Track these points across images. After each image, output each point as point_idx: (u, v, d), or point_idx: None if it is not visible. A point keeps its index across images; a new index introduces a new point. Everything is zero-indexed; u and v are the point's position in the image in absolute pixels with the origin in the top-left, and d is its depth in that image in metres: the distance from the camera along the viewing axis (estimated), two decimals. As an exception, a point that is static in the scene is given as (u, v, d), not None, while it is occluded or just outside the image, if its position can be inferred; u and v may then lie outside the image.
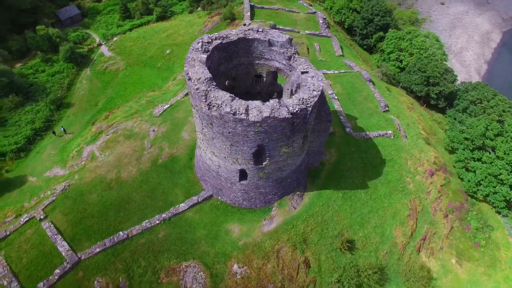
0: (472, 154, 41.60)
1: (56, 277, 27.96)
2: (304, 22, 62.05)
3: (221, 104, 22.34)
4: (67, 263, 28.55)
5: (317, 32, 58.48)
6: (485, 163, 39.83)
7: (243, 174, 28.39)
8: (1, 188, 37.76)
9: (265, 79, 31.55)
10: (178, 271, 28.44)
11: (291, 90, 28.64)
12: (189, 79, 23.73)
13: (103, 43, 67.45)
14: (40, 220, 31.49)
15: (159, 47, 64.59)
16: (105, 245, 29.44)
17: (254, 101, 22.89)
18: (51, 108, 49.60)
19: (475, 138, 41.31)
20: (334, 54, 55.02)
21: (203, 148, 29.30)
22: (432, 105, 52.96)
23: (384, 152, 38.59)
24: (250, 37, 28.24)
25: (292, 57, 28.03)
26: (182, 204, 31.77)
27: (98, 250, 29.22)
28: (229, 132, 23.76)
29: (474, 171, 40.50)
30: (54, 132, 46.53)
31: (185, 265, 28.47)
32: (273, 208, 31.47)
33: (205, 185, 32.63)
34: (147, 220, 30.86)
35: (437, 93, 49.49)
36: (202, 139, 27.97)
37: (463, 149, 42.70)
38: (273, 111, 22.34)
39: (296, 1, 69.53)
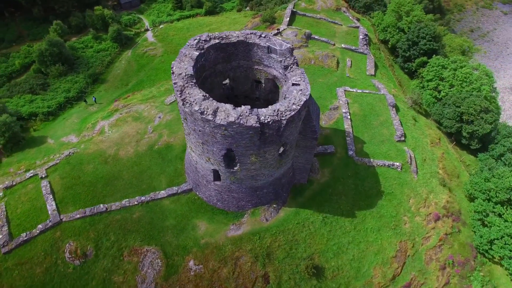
0: (493, 208, 36.82)
1: (37, 231, 30.80)
2: (343, 35, 59.89)
3: (193, 101, 22.67)
4: (50, 221, 31.25)
5: (353, 47, 56.03)
6: (507, 221, 35.01)
7: (217, 175, 28.47)
8: (26, 144, 42.51)
9: (263, 85, 31.20)
10: (139, 253, 29.52)
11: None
12: (172, 73, 24.44)
13: (150, 29, 72.20)
14: (41, 178, 34.90)
15: (198, 40, 67.15)
16: (85, 213, 31.65)
17: (227, 104, 22.83)
18: (88, 81, 54.52)
19: (501, 190, 36.46)
20: (365, 73, 52.25)
21: (187, 143, 29.99)
22: (464, 145, 47.66)
23: (385, 184, 35.76)
24: (250, 41, 28.15)
25: (289, 67, 27.34)
26: (162, 191, 32.86)
27: (78, 216, 31.53)
28: (199, 131, 24.02)
29: (490, 227, 35.83)
30: (85, 101, 51.26)
31: (146, 249, 29.45)
32: (245, 215, 31.06)
33: (188, 178, 33.35)
34: (127, 199, 32.49)
35: (469, 133, 44.38)
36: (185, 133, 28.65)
37: (484, 200, 37.97)
38: (240, 117, 22.07)
39: (342, 13, 67.31)
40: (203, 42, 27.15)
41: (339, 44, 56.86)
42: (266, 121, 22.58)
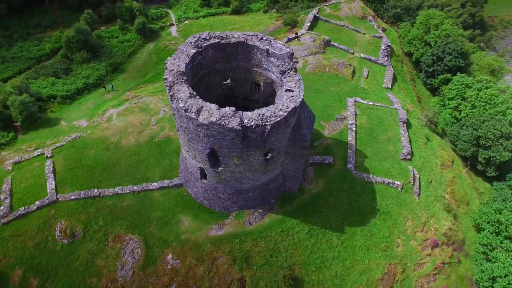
0: (501, 243, 34.22)
1: (34, 207, 32.50)
2: (364, 45, 58.08)
3: (179, 98, 22.89)
4: (47, 199, 32.86)
5: (372, 58, 54.17)
6: (513, 258, 32.40)
7: (203, 173, 28.57)
8: (41, 124, 45.01)
9: (262, 88, 30.92)
10: (123, 240, 30.29)
11: (275, 105, 27.53)
12: (166, 68, 24.82)
13: (175, 24, 73.92)
14: (47, 157, 36.77)
15: (219, 39, 67.87)
16: (79, 195, 32.96)
17: (212, 104, 22.84)
18: (108, 70, 56.80)
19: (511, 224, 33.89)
20: (381, 85, 50.33)
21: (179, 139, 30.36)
22: (480, 171, 44.55)
23: (381, 202, 34.24)
24: (250, 43, 27.99)
25: (287, 72, 26.87)
26: (154, 183, 33.51)
27: (72, 197, 32.90)
28: (185, 128, 24.21)
29: (494, 262, 33.29)
30: (104, 87, 53.69)
31: (130, 238, 30.15)
32: (230, 216, 30.93)
33: (180, 173, 33.76)
34: (120, 187, 33.45)
35: (486, 158, 41.41)
36: (177, 128, 29.01)
37: (491, 233, 35.38)
38: (222, 118, 21.98)
39: (368, 22, 65.29)
40: (202, 40, 27.35)
41: (359, 53, 55.21)
42: (249, 124, 22.33)
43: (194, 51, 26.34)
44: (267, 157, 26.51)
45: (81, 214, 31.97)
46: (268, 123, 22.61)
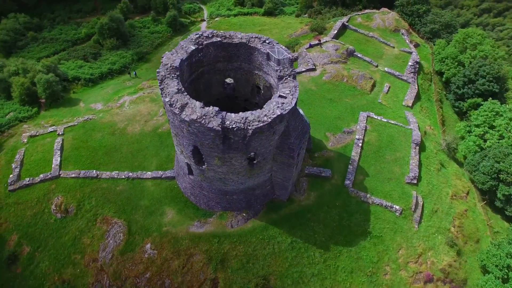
0: (505, 289, 31.11)
1: (38, 179, 34.61)
2: (391, 59, 55.42)
3: (167, 93, 23.17)
4: (50, 174, 34.84)
5: (397, 73, 51.51)
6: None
7: (190, 169, 28.73)
8: (62, 103, 47.82)
9: (262, 91, 30.50)
10: (110, 223, 31.31)
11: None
12: (161, 62, 25.24)
13: (206, 20, 75.33)
14: (58, 135, 39.04)
15: (246, 38, 68.14)
16: (79, 174, 34.59)
17: (197, 101, 22.86)
18: (134, 58, 59.15)
19: (521, 272, 30.66)
20: (401, 102, 47.69)
21: (175, 131, 30.78)
22: (498, 208, 40.66)
23: (375, 225, 32.40)
24: (251, 45, 27.73)
25: (284, 78, 26.27)
26: (148, 172, 34.31)
27: (73, 175, 34.61)
28: (171, 122, 24.48)
29: (494, 309, 30.36)
30: (129, 73, 56.17)
31: (115, 221, 31.10)
32: (214, 216, 30.84)
33: (174, 167, 34.24)
34: (117, 172, 34.63)
35: (506, 195, 37.70)
36: (171, 122, 29.42)
37: (497, 278, 32.21)
38: (204, 116, 21.93)
39: (400, 35, 62.19)
40: (204, 38, 27.50)
41: (383, 67, 52.77)
42: (231, 126, 22.08)
43: (194, 47, 26.55)
44: (254, 162, 26.09)
45: (77, 192, 33.51)
46: (250, 127, 22.21)
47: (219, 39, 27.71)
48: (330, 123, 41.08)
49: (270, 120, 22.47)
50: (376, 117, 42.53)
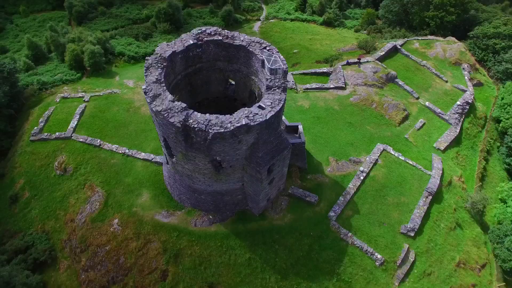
0: None
1: (53, 136, 38.52)
2: (438, 93, 49.45)
3: (146, 80, 23.76)
4: (64, 134, 38.49)
5: (438, 110, 45.76)
6: None
7: (167, 159, 29.18)
8: (102, 74, 52.27)
9: (257, 99, 29.58)
10: (93, 191, 33.45)
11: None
12: (154, 51, 25.94)
13: (261, 19, 75.64)
14: (84, 101, 42.92)
15: (293, 44, 66.82)
16: (86, 140, 37.59)
17: (170, 94, 23.02)
18: (179, 45, 62.05)
19: None
20: (432, 144, 42.25)
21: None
22: (518, 292, 33.74)
23: (347, 269, 29.28)
24: (250, 49, 26.98)
25: (272, 89, 25.10)
26: (142, 153, 35.82)
27: (81, 140, 37.74)
28: (150, 109, 25.05)
29: None
30: None
31: (98, 190, 33.12)
32: (182, 210, 30.96)
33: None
34: (117, 145, 36.82)
35: (528, 281, 31.07)
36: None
37: None
38: (168, 110, 22.02)
39: (461, 69, 54.97)
40: (206, 35, 27.57)
41: (424, 100, 47.32)
42: (192, 125, 21.82)
43: (192, 42, 26.79)
44: (221, 167, 25.49)
45: (79, 156, 36.46)
46: (211, 131, 21.67)
47: (220, 38, 27.52)
48: (339, 147, 38.21)
49: (232, 128, 21.65)
50: (393, 153, 38.37)
